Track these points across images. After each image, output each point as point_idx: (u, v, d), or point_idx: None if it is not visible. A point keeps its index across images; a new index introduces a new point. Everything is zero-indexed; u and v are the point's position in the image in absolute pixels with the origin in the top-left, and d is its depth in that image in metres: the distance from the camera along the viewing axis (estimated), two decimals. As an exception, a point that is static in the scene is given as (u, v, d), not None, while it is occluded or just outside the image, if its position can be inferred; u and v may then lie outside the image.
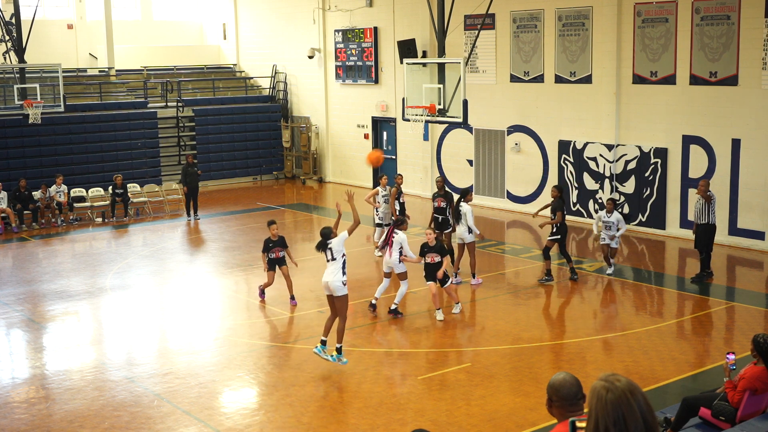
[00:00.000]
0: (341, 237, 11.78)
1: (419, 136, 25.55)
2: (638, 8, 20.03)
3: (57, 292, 16.55)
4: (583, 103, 21.53)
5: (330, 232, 11.84)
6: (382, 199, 18.19)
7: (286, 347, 13.03)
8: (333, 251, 11.72)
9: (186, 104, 29.50)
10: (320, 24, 29.07)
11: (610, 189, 20.89)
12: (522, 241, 20.57)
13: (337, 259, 11.69)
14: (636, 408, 3.25)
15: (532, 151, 22.92)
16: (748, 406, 8.40)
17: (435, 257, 14.25)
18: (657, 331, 13.41)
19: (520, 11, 22.69)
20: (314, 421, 10.28)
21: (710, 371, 11.67)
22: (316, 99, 30.07)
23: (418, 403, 10.72)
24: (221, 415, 10.65)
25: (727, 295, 15.48)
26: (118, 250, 20.60)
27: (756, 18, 17.84)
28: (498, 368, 11.91)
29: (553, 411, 4.22)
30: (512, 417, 10.26)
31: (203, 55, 34.37)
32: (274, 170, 31.02)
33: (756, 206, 18.35)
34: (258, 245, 19.72)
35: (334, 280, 11.63)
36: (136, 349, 13.36)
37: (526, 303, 15.18)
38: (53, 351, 13.34)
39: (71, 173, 25.49)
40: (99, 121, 27.19)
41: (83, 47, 32.35)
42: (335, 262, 11.71)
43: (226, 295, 16.56)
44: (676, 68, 19.43)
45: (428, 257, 14.31)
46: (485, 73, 23.80)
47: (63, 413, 10.69)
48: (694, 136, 19.30)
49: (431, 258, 14.28)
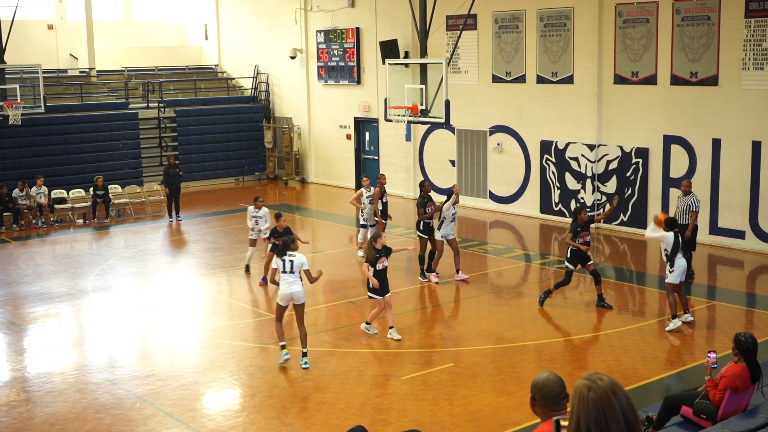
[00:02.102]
0: (304, 261, 11.89)
1: (401, 137, 25.54)
2: (619, 9, 20.12)
3: (38, 294, 16.42)
4: (564, 104, 21.60)
5: (293, 242, 12.08)
6: (366, 200, 18.15)
7: (268, 348, 12.98)
8: (294, 265, 11.84)
9: (167, 105, 29.36)
10: (302, 24, 29.01)
11: (592, 189, 20.98)
12: (504, 241, 20.61)
13: (296, 273, 11.85)
14: (617, 407, 3.25)
15: (515, 152, 22.97)
16: (729, 404, 8.43)
17: (385, 262, 13.05)
18: (639, 330, 13.47)
19: (501, 12, 22.74)
20: (297, 423, 10.26)
21: (691, 370, 11.72)
22: (298, 99, 30.00)
23: (401, 404, 10.72)
24: (204, 417, 10.61)
25: (708, 294, 15.57)
26: (100, 251, 20.48)
27: (736, 18, 17.96)
28: (481, 368, 11.92)
29: (536, 410, 4.23)
30: (495, 417, 10.26)
31: (185, 55, 34.21)
32: (257, 171, 30.93)
33: (737, 206, 18.47)
34: (240, 246, 19.71)
35: (298, 291, 11.83)
36: (117, 351, 13.28)
37: (509, 303, 15.21)
38: (34, 353, 13.23)
39: (52, 174, 25.29)
40: (80, 122, 27.02)
41: (63, 48, 32.13)
42: (294, 275, 11.84)
43: (208, 296, 16.50)
44: (657, 68, 19.53)
45: (380, 263, 12.96)
46: (467, 74, 23.83)
47: (44, 416, 10.61)
48: (676, 136, 19.41)
49: (382, 263, 13.01)
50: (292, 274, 11.82)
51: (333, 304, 15.39)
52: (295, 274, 11.83)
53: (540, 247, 19.89)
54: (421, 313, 14.85)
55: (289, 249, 11.93)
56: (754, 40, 17.69)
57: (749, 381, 8.45)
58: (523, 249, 19.76)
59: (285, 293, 11.83)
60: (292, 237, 12.35)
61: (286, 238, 12.26)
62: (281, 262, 11.87)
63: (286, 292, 11.81)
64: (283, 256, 11.89)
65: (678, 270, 13.24)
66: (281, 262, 11.87)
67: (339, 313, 14.64)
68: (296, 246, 12.10)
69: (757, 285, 16.74)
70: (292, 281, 11.82)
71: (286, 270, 11.83)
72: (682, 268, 13.34)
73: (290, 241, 12.09)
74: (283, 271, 11.85)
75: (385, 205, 18.11)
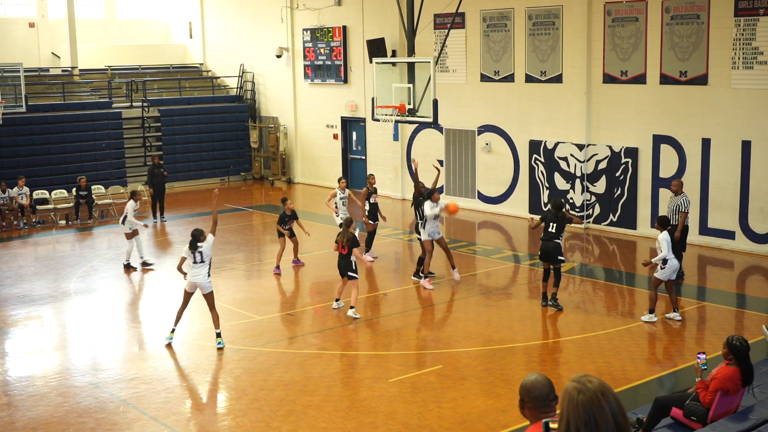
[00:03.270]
0: (210, 241, 12.77)
1: (389, 137, 25.40)
2: (608, 7, 20.03)
3: (19, 296, 16.18)
4: (553, 103, 21.49)
5: (200, 234, 12.74)
6: (340, 202, 17.94)
7: (253, 351, 12.80)
8: (203, 254, 12.70)
9: (152, 104, 29.10)
10: (288, 23, 28.82)
11: (581, 189, 20.88)
12: (493, 242, 20.49)
13: (206, 261, 12.72)
14: (607, 409, 3.26)
15: (503, 151, 22.85)
16: (719, 406, 8.39)
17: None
18: (628, 331, 13.36)
19: (490, 10, 22.61)
20: (284, 426, 10.09)
21: (682, 371, 11.64)
22: (284, 99, 29.81)
23: (389, 406, 10.58)
24: (189, 420, 10.47)
25: (698, 295, 15.48)
26: (83, 253, 20.23)
27: (725, 17, 17.89)
28: (469, 370, 11.80)
29: (525, 412, 4.21)
30: (484, 419, 10.15)
31: (169, 54, 33.94)
32: (242, 171, 30.68)
33: (726, 206, 18.41)
34: (226, 246, 19.52)
35: (204, 281, 12.70)
36: (101, 354, 13.08)
37: (497, 304, 15.07)
38: (16, 357, 13.03)
39: (34, 175, 24.97)
40: (62, 122, 26.73)
41: (45, 46, 31.78)
42: (203, 264, 12.70)
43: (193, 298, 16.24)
44: (647, 67, 19.45)
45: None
46: (455, 73, 23.70)
47: (26, 420, 10.44)
48: (665, 136, 19.33)
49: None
50: (202, 263, 12.67)
51: (320, 306, 15.21)
52: (205, 263, 12.67)
53: (529, 248, 19.76)
54: (410, 315, 14.69)
55: (198, 241, 12.64)
56: (744, 39, 17.63)
57: (740, 384, 8.43)
58: (511, 250, 19.63)
59: (191, 281, 12.74)
60: (200, 230, 12.86)
61: (195, 231, 12.83)
62: (191, 254, 12.66)
63: (192, 281, 12.72)
64: (193, 249, 12.63)
65: (670, 269, 13.36)
66: (191, 254, 12.66)
67: (326, 315, 14.46)
68: (204, 237, 12.73)
69: (747, 286, 16.67)
70: (197, 272, 12.66)
71: (196, 261, 12.66)
72: (674, 267, 13.48)
73: (199, 234, 12.72)
74: (194, 261, 12.65)
75: (374, 206, 17.90)
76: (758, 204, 17.93)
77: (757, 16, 17.44)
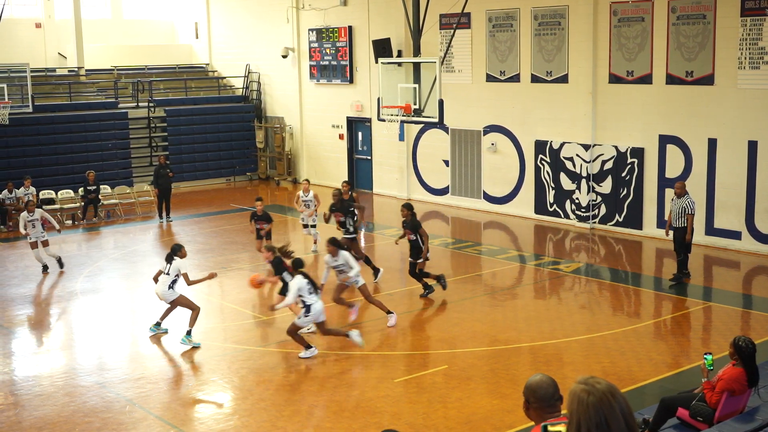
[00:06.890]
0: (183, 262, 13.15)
1: (395, 137, 25.40)
2: (614, 7, 19.99)
3: (26, 296, 16.23)
4: (559, 103, 21.47)
5: (179, 249, 13.26)
6: (303, 204, 19.05)
7: (259, 351, 12.81)
8: (171, 269, 13.10)
9: (158, 104, 29.14)
10: (294, 23, 28.83)
11: (587, 189, 20.84)
12: (499, 242, 20.47)
13: (171, 275, 13.09)
14: (618, 410, 3.26)
15: (509, 151, 22.84)
16: (726, 406, 8.37)
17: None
18: (634, 331, 13.34)
19: (495, 10, 22.60)
20: (289, 426, 10.10)
21: (688, 372, 11.61)
22: (290, 99, 29.82)
23: (394, 407, 10.57)
24: (195, 420, 10.47)
25: (704, 296, 15.45)
26: (89, 253, 20.27)
27: (732, 17, 17.85)
28: (475, 370, 11.79)
29: (530, 413, 4.19)
30: (489, 419, 10.14)
31: (175, 54, 33.97)
32: (248, 171, 30.72)
33: (732, 206, 18.36)
34: (231, 246, 19.55)
35: (163, 291, 13.11)
36: (107, 353, 13.10)
37: (503, 304, 15.06)
38: (22, 356, 13.08)
39: (40, 175, 25.01)
40: (68, 122, 26.77)
41: (52, 46, 31.84)
42: (169, 277, 13.09)
43: (199, 298, 16.26)
44: (653, 68, 19.41)
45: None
46: (461, 73, 23.69)
47: (33, 420, 10.46)
48: (671, 136, 19.29)
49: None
50: (167, 276, 13.09)
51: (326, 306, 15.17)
52: (170, 276, 13.08)
53: (535, 248, 19.75)
54: (415, 315, 14.69)
55: (174, 254, 13.16)
56: (750, 39, 17.59)
57: (746, 384, 8.40)
58: (517, 250, 19.61)
59: (156, 290, 13.28)
60: (179, 245, 13.45)
61: (174, 246, 13.39)
62: (165, 265, 13.17)
63: (158, 291, 13.24)
64: (168, 261, 13.16)
65: None
66: (165, 265, 13.17)
67: (331, 316, 14.45)
68: (183, 254, 13.27)
69: (753, 286, 16.63)
70: (163, 282, 13.10)
71: (165, 271, 13.11)
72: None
73: (177, 248, 13.28)
74: (165, 273, 13.09)
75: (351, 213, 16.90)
76: (764, 204, 17.88)
77: (763, 16, 17.39)
